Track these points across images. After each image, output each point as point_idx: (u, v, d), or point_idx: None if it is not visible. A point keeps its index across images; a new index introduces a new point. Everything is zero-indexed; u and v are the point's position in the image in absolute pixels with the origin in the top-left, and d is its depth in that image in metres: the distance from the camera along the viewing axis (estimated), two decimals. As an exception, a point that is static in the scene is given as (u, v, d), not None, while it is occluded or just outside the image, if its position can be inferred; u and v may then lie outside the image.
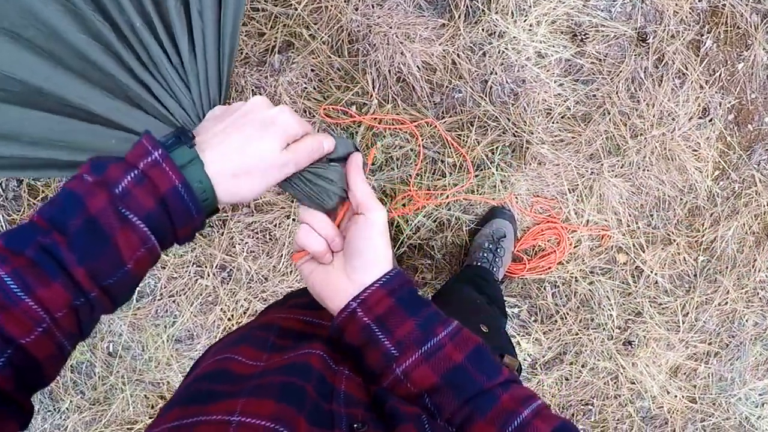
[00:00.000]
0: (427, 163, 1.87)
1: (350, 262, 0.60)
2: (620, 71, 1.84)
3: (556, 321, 1.99)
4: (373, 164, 1.85)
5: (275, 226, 1.89)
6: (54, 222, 0.48)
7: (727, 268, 2.00)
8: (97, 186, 0.49)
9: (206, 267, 1.92)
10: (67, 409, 2.00)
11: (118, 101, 0.73)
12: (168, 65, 0.72)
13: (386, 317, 0.57)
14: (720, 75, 1.89)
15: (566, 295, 1.99)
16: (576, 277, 1.97)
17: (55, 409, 2.00)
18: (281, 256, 1.91)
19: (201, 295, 1.94)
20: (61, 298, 0.47)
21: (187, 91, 0.72)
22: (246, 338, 0.64)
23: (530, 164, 1.88)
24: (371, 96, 1.81)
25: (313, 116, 1.82)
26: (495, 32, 1.80)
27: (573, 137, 1.87)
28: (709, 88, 1.89)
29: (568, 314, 1.99)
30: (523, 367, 2.02)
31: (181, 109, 0.73)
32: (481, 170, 1.87)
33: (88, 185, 0.49)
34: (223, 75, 0.75)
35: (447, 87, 1.83)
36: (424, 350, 0.55)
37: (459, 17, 1.78)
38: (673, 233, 1.97)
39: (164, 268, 1.91)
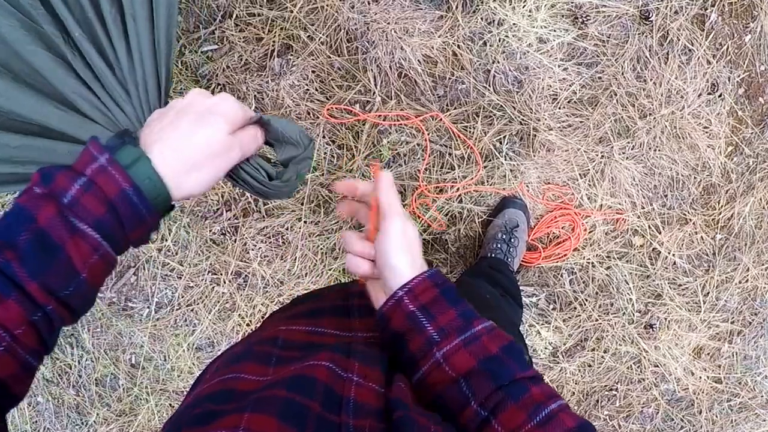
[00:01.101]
0: (434, 157, 1.86)
1: (382, 277, 0.63)
2: (625, 51, 1.81)
3: (575, 308, 1.97)
4: (380, 161, 1.85)
5: (287, 229, 1.89)
6: (3, 238, 0.48)
7: (746, 244, 1.97)
8: (45, 197, 0.49)
9: (221, 274, 1.93)
10: (94, 422, 2.03)
11: (71, 113, 0.74)
12: (108, 73, 0.73)
13: (431, 305, 0.60)
14: (727, 49, 1.85)
15: (584, 282, 1.97)
16: (593, 263, 1.95)
17: (82, 423, 2.03)
18: (295, 259, 1.91)
19: (218, 302, 1.95)
20: (18, 315, 0.47)
21: (128, 97, 0.73)
22: (249, 354, 0.64)
23: (539, 152, 1.86)
24: (374, 93, 1.81)
25: (317, 117, 1.82)
26: (494, 20, 1.78)
27: (581, 122, 1.85)
28: (717, 62, 1.85)
29: (586, 300, 1.97)
30: (544, 355, 2.01)
31: (124, 115, 0.74)
32: (490, 161, 1.86)
33: (37, 197, 0.49)
34: (161, 79, 0.75)
35: (450, 79, 1.81)
36: (464, 338, 0.58)
37: (456, 8, 1.77)
38: (688, 213, 1.94)
39: (180, 277, 1.92)
